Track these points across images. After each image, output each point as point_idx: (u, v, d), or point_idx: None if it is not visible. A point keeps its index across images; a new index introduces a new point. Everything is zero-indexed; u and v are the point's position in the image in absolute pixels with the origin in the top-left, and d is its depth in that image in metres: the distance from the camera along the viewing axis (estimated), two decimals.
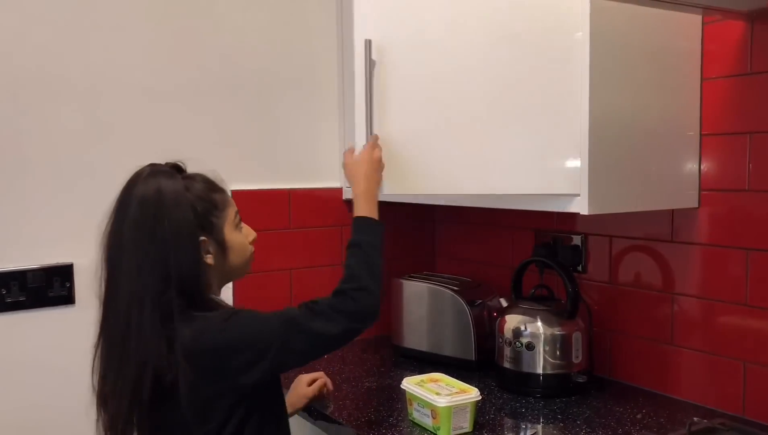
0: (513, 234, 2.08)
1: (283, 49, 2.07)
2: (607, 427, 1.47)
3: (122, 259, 1.21)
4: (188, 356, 1.15)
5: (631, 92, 1.45)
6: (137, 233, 1.20)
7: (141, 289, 1.18)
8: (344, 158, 1.48)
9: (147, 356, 1.15)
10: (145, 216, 1.20)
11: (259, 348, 1.19)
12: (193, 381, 1.16)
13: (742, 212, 1.50)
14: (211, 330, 1.18)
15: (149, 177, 1.25)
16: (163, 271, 1.18)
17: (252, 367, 1.18)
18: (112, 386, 1.20)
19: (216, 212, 1.28)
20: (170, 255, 1.19)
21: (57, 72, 1.73)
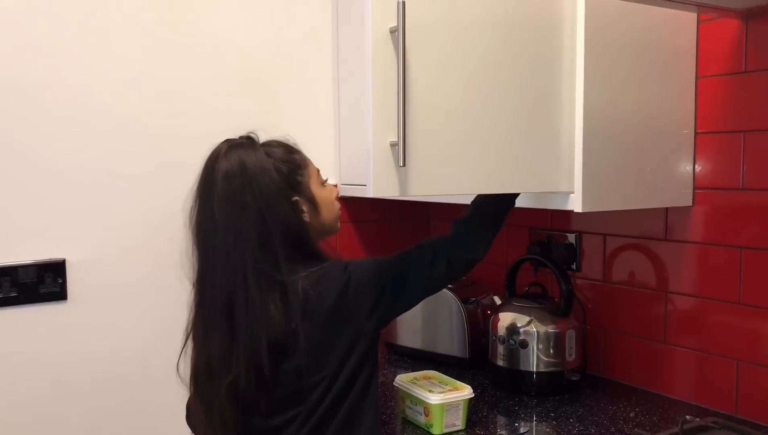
0: (507, 232, 2.08)
1: (277, 49, 2.06)
2: (600, 426, 1.47)
3: (217, 237, 1.22)
4: (308, 308, 1.18)
5: (626, 90, 1.45)
6: (228, 208, 1.21)
7: (241, 262, 1.19)
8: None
9: (259, 320, 1.17)
10: (233, 190, 1.22)
11: (379, 286, 1.24)
12: (314, 326, 1.18)
13: (736, 211, 1.50)
14: (334, 275, 1.22)
15: (229, 151, 1.27)
16: (262, 240, 1.20)
17: (374, 305, 1.23)
18: (220, 360, 1.20)
19: (300, 171, 1.32)
20: (268, 221, 1.21)
21: (51, 68, 1.72)
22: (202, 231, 1.25)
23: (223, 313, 1.20)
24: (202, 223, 1.25)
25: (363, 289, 1.23)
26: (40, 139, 1.72)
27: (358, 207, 2.22)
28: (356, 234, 2.24)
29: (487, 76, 1.60)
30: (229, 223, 1.21)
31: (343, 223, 2.20)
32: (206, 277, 1.24)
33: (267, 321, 1.17)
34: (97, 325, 1.80)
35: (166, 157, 1.89)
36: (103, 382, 1.79)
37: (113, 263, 1.81)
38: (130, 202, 1.84)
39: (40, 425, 1.73)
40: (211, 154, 1.29)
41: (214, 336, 1.21)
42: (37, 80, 1.71)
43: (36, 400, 1.73)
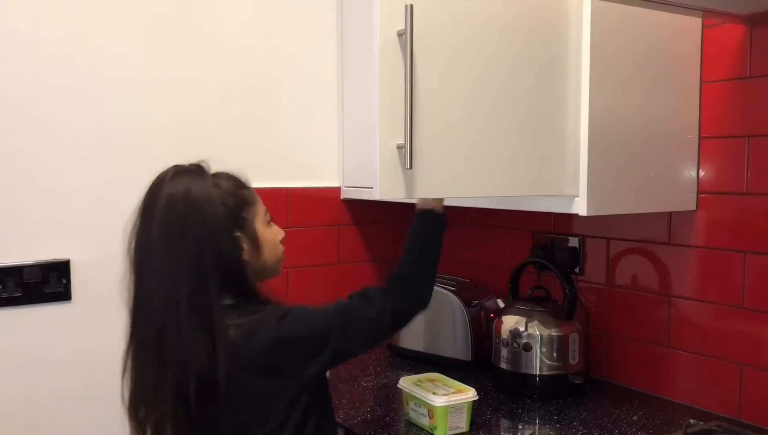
0: (511, 235, 2.08)
1: (282, 48, 2.07)
2: (603, 429, 1.47)
3: (152, 262, 1.17)
4: (239, 358, 1.13)
5: (631, 94, 1.45)
6: (167, 234, 1.17)
7: (175, 291, 1.15)
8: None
9: (187, 358, 1.12)
10: (175, 216, 1.17)
11: (318, 339, 1.19)
12: (249, 380, 1.14)
13: (740, 215, 1.50)
14: (268, 327, 1.17)
15: (175, 176, 1.22)
16: (197, 271, 1.15)
17: (313, 358, 1.19)
18: (151, 392, 1.16)
19: (246, 207, 1.26)
20: (205, 253, 1.16)
21: (56, 69, 1.73)
22: (139, 255, 1.20)
23: (155, 344, 1.16)
24: (140, 248, 1.20)
25: (300, 341, 1.18)
26: (45, 140, 1.73)
27: (361, 209, 2.22)
28: (359, 236, 2.24)
29: (494, 80, 1.61)
30: (165, 250, 1.16)
31: (346, 226, 2.22)
32: (140, 304, 1.20)
33: (196, 360, 1.12)
34: (101, 325, 1.80)
35: (170, 159, 1.88)
36: (107, 381, 1.78)
37: (117, 264, 1.78)
38: (135, 202, 1.84)
39: (43, 425, 1.73)
40: (156, 178, 1.24)
41: (147, 367, 1.17)
42: (41, 82, 1.71)
43: (40, 399, 1.73)
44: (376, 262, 2.28)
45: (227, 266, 1.18)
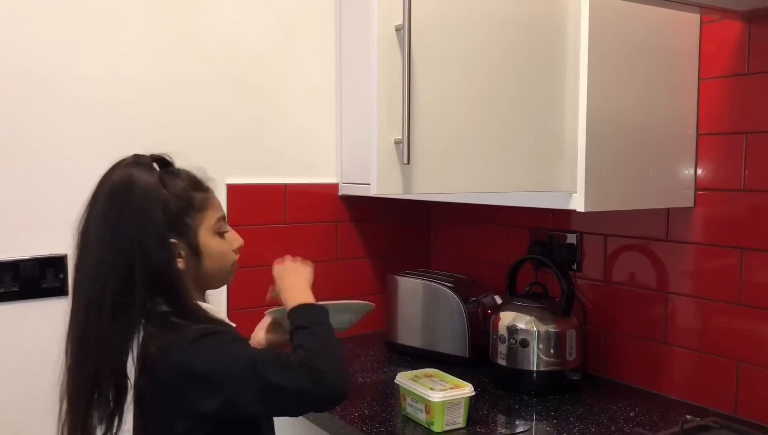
0: (508, 232, 2.09)
1: (279, 44, 2.07)
2: (600, 425, 1.47)
3: (86, 253, 1.15)
4: (151, 368, 1.11)
5: (629, 91, 1.45)
6: (102, 227, 1.13)
7: (100, 289, 1.11)
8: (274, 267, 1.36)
9: (104, 359, 1.13)
10: (112, 209, 1.13)
11: (214, 380, 1.08)
12: (155, 394, 1.13)
13: (737, 212, 1.50)
14: (177, 348, 1.10)
15: (126, 167, 1.17)
16: (125, 271, 1.11)
17: (204, 398, 1.08)
18: (72, 384, 1.18)
19: (192, 213, 1.18)
20: (135, 255, 1.11)
21: (53, 65, 1.73)
22: (79, 244, 1.16)
23: (77, 338, 1.16)
24: (81, 236, 1.16)
25: (199, 375, 1.08)
26: (43, 135, 1.72)
27: (359, 206, 2.22)
28: (357, 233, 2.24)
29: (491, 75, 1.60)
30: (99, 244, 1.13)
31: (343, 222, 2.22)
32: (74, 294, 1.17)
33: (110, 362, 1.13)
34: None
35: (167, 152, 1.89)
36: None
37: None
38: None
39: (40, 420, 1.73)
40: (116, 162, 1.20)
41: (70, 359, 1.18)
42: (38, 77, 1.71)
43: (36, 395, 1.72)
44: (373, 259, 2.28)
45: (157, 272, 1.13)
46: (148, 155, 1.24)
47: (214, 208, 1.23)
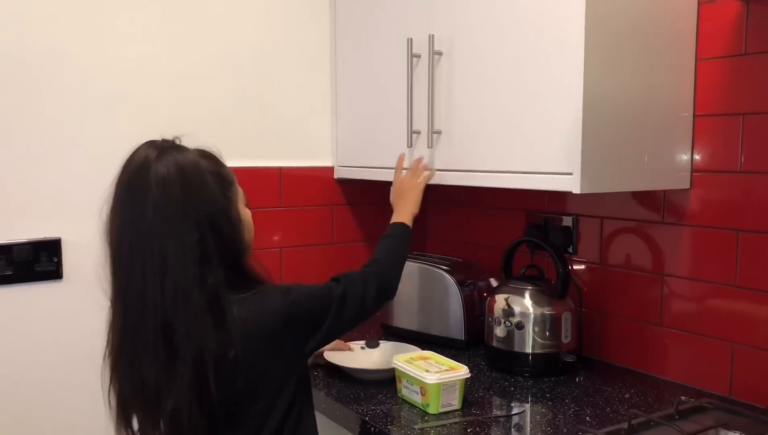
0: (504, 215, 2.08)
1: (274, 25, 2.05)
2: (595, 407, 1.48)
3: (147, 250, 1.09)
4: (248, 334, 1.12)
5: (626, 72, 1.44)
6: (166, 218, 1.09)
7: (183, 279, 1.08)
8: (395, 177, 1.75)
9: (201, 347, 1.07)
10: (172, 198, 1.09)
11: (320, 314, 1.24)
12: (252, 357, 1.12)
13: (734, 194, 1.50)
14: (274, 302, 1.17)
15: (162, 155, 1.13)
16: (202, 254, 1.09)
17: (314, 333, 1.24)
18: (154, 389, 1.09)
19: (228, 186, 1.21)
20: (207, 234, 1.10)
21: (48, 46, 1.71)
22: (127, 243, 1.11)
23: (158, 336, 1.08)
24: (128, 235, 1.11)
25: (306, 316, 1.23)
26: (36, 118, 1.71)
27: (354, 189, 2.21)
28: (352, 216, 2.23)
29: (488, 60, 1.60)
30: (167, 237, 1.08)
31: (339, 206, 2.21)
32: (132, 296, 1.10)
33: (211, 345, 1.08)
34: (93, 304, 1.76)
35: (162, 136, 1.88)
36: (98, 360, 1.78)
37: None
38: None
39: (34, 404, 1.73)
40: (134, 158, 1.15)
41: (147, 362, 1.09)
42: (32, 61, 1.70)
43: (30, 378, 1.73)
44: (369, 242, 2.27)
45: (229, 247, 1.15)
46: (161, 140, 1.21)
47: (237, 181, 1.28)
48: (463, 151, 1.67)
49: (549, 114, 1.45)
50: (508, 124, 1.55)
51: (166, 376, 1.09)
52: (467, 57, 1.64)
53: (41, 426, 1.74)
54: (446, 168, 1.72)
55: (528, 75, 1.50)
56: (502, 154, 1.57)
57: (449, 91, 1.69)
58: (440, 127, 1.72)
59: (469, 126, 1.65)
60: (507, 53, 1.55)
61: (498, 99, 1.58)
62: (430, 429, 1.36)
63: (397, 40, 1.83)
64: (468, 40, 1.64)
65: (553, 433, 1.34)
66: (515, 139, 1.54)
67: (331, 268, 2.17)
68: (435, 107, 1.72)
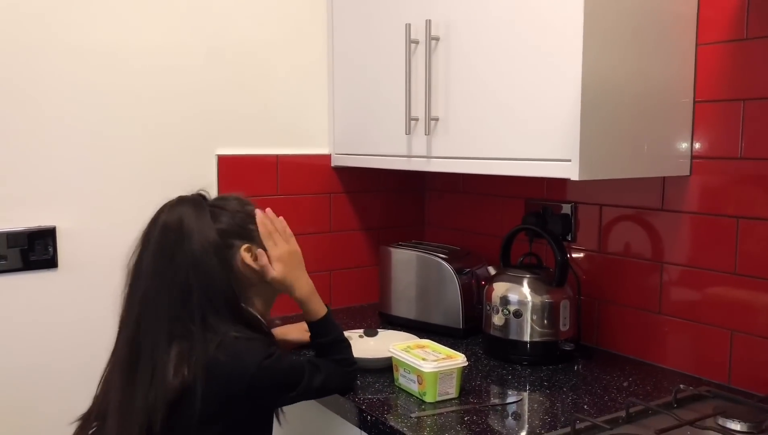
0: (503, 203, 2.07)
1: (271, 12, 2.03)
2: (593, 395, 1.47)
3: (141, 283, 1.26)
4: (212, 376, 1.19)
5: (625, 57, 1.43)
6: (158, 259, 1.26)
7: (156, 314, 1.23)
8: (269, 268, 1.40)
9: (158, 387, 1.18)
10: (167, 241, 1.26)
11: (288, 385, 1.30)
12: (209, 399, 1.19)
13: (734, 180, 1.49)
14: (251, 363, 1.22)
15: (175, 206, 1.31)
16: (183, 292, 1.23)
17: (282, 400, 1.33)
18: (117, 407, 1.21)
19: (252, 220, 1.37)
20: (190, 276, 1.24)
21: (41, 31, 1.69)
22: (132, 276, 1.29)
23: (130, 363, 1.22)
24: (134, 269, 1.29)
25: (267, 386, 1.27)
26: (31, 106, 1.69)
27: (352, 177, 2.20)
28: (350, 204, 2.22)
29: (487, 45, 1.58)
30: (154, 274, 1.25)
31: (336, 194, 2.19)
32: (126, 321, 1.27)
33: (166, 383, 1.18)
34: (88, 292, 1.79)
35: (157, 125, 1.87)
36: (94, 349, 1.77)
37: (104, 231, 1.79)
38: (121, 170, 1.82)
39: (28, 392, 1.73)
40: (161, 207, 1.33)
41: (118, 382, 1.23)
42: (25, 44, 1.67)
43: (25, 366, 1.72)
44: (367, 231, 2.26)
45: (215, 287, 1.26)
46: (191, 195, 1.37)
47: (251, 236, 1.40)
48: (462, 138, 1.66)
49: (548, 100, 1.43)
50: (507, 111, 1.54)
51: (126, 401, 1.20)
52: (465, 42, 1.63)
53: (35, 414, 1.73)
54: (444, 155, 1.71)
55: (526, 61, 1.48)
56: (500, 141, 1.56)
57: (447, 78, 1.67)
58: (438, 114, 1.70)
59: (467, 112, 1.64)
60: (505, 38, 1.53)
61: (496, 85, 1.56)
62: (427, 417, 1.35)
63: (394, 26, 1.81)
64: (465, 26, 1.62)
65: (550, 421, 1.33)
66: (513, 125, 1.52)
67: (329, 255, 2.17)
68: (432, 94, 1.70)
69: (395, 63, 1.81)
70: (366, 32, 1.96)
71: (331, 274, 2.18)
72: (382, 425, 1.33)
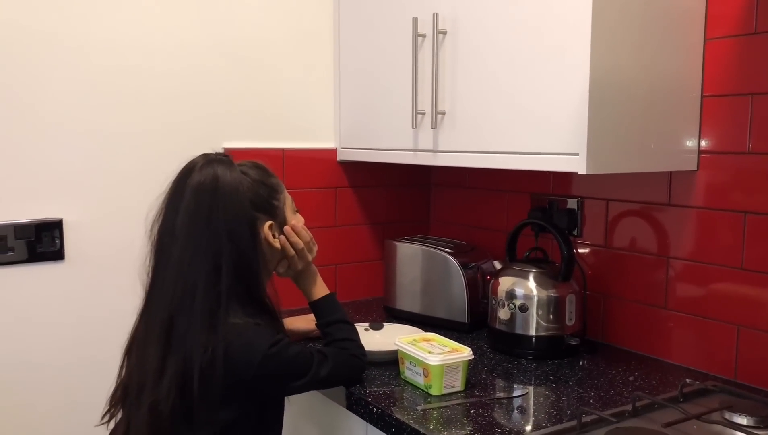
0: (509, 198, 2.07)
1: (276, 5, 2.03)
2: (599, 389, 1.47)
3: (174, 249, 1.20)
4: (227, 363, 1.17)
5: (633, 52, 1.42)
6: (191, 221, 1.20)
7: (192, 280, 1.18)
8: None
9: (193, 348, 1.15)
10: (201, 204, 1.20)
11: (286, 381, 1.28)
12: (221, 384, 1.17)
13: (742, 175, 1.48)
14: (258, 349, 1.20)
15: (205, 166, 1.24)
16: (216, 261, 1.19)
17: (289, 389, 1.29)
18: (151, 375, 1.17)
19: (276, 195, 1.34)
20: (224, 244, 1.19)
21: (47, 24, 1.69)
22: (161, 241, 1.23)
23: (163, 329, 1.18)
24: (163, 234, 1.23)
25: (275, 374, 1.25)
26: (39, 98, 1.70)
27: (357, 172, 2.20)
28: (355, 199, 2.22)
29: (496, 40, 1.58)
30: (189, 238, 1.19)
31: (342, 188, 2.19)
32: (155, 289, 1.23)
33: (201, 348, 1.16)
34: (95, 284, 1.79)
35: (165, 119, 1.87)
36: (101, 341, 1.78)
37: (111, 223, 1.80)
38: (128, 162, 1.83)
39: (35, 384, 1.73)
40: (185, 166, 1.27)
41: (151, 351, 1.19)
42: (34, 41, 1.68)
43: (32, 358, 1.72)
44: (372, 225, 2.26)
45: (242, 258, 1.21)
46: (215, 153, 1.31)
47: (286, 190, 1.39)
48: (469, 132, 1.65)
49: (555, 94, 1.43)
50: (514, 105, 1.54)
51: (161, 368, 1.16)
52: (472, 36, 1.62)
53: (43, 406, 1.74)
54: (451, 149, 1.70)
55: (534, 55, 1.48)
56: (507, 135, 1.56)
57: (454, 72, 1.67)
58: (444, 108, 1.70)
59: (474, 106, 1.63)
60: (512, 32, 1.53)
61: (503, 79, 1.56)
62: (432, 410, 1.35)
63: (401, 20, 1.81)
64: (473, 20, 1.62)
65: (556, 414, 1.33)
66: (521, 119, 1.52)
67: (333, 250, 2.17)
68: (439, 88, 1.70)
69: (402, 57, 1.80)
70: (373, 26, 1.96)
71: (336, 268, 2.19)
72: (388, 417, 1.33)
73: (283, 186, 1.39)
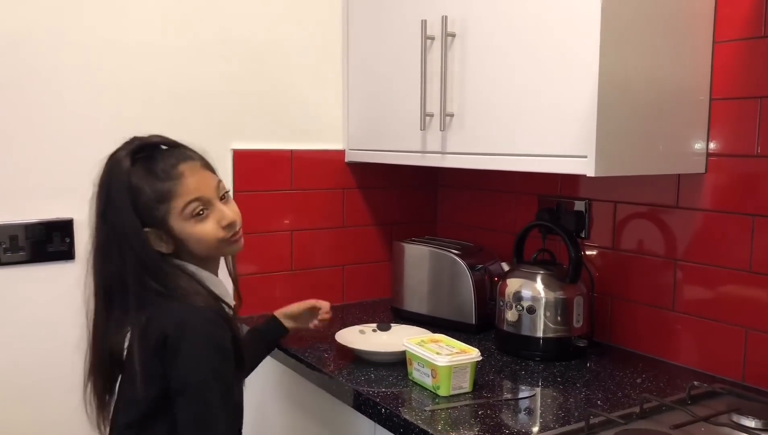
0: (516, 199, 2.07)
1: (288, 10, 2.04)
2: (606, 391, 1.47)
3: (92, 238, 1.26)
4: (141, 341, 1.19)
5: (642, 54, 1.43)
6: (96, 216, 1.24)
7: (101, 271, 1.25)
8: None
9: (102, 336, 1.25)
10: (99, 200, 1.24)
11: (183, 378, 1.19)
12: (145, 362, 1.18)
13: (750, 178, 1.48)
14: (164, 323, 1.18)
15: (109, 159, 1.26)
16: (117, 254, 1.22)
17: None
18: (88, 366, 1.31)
19: (156, 205, 1.21)
20: (120, 242, 1.21)
21: (58, 25, 1.70)
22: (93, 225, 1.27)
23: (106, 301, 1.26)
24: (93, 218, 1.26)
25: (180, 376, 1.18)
26: (49, 98, 1.71)
27: (366, 173, 2.21)
28: (363, 200, 2.23)
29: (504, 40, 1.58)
30: (97, 232, 1.24)
31: (350, 189, 2.20)
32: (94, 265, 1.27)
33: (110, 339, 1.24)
34: None
35: (174, 120, 1.88)
36: None
37: None
38: None
39: (45, 384, 1.75)
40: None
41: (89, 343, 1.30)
42: (46, 39, 1.69)
43: (43, 358, 1.74)
44: (380, 226, 2.27)
45: (141, 257, 1.21)
46: (136, 141, 1.27)
47: (180, 195, 1.23)
48: (476, 134, 1.66)
49: (564, 96, 1.44)
50: (522, 107, 1.54)
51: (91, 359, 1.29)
52: (481, 39, 1.63)
53: (52, 406, 1.75)
54: (459, 151, 1.71)
55: (542, 57, 1.49)
56: (515, 137, 1.56)
57: (462, 74, 1.68)
58: (453, 110, 1.70)
59: (482, 109, 1.64)
60: (521, 34, 1.53)
61: (512, 81, 1.56)
62: (440, 411, 1.36)
63: (410, 22, 1.81)
64: (482, 22, 1.62)
65: (564, 416, 1.34)
66: (529, 121, 1.53)
67: (341, 251, 2.18)
68: (448, 90, 1.71)
69: (410, 59, 1.81)
70: (381, 28, 1.97)
71: (343, 269, 2.19)
72: (396, 418, 1.34)
73: (174, 192, 1.22)
